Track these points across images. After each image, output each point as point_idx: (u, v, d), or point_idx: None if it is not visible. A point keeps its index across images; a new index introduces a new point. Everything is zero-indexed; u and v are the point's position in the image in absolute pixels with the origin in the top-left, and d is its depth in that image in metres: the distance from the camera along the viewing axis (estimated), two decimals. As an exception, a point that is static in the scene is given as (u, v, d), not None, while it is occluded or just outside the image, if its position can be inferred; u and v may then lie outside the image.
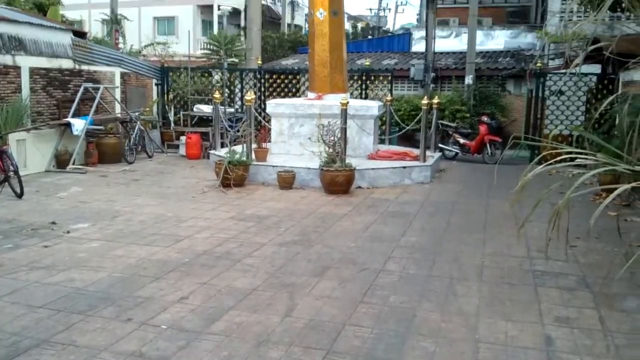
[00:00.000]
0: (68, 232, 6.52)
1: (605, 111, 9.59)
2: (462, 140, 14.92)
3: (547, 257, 5.29)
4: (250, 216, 7.50)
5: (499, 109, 17.93)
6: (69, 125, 11.33)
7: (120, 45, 21.16)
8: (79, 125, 11.38)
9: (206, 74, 15.92)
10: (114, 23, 21.52)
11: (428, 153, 11.32)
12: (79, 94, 11.99)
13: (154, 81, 15.75)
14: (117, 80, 13.82)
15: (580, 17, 11.16)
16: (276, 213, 7.71)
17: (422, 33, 20.82)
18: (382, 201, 8.70)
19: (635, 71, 10.64)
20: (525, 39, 21.78)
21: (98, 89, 12.41)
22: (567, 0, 10.86)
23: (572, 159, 3.83)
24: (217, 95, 11.95)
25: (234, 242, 6.21)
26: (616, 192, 3.36)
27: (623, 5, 4.69)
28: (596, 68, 13.44)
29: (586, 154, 3.77)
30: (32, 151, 10.80)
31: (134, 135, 12.67)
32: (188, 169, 11.82)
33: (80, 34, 13.35)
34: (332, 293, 4.70)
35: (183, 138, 13.56)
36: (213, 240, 6.27)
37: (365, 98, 14.15)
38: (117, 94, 13.64)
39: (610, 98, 5.99)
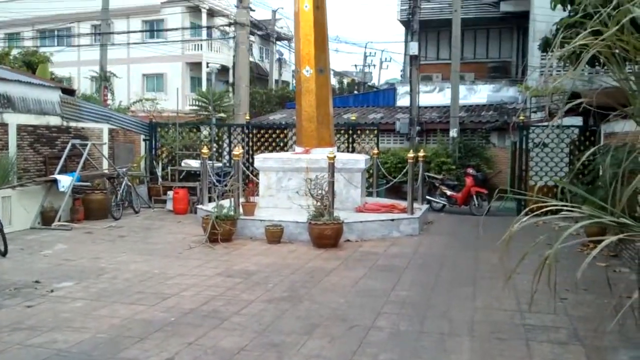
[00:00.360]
0: (52, 291, 6.38)
1: (589, 162, 9.75)
2: (449, 192, 15.03)
3: (531, 311, 5.24)
4: (237, 272, 7.41)
5: (484, 161, 18.17)
6: (55, 181, 11.28)
7: (109, 102, 21.38)
8: (65, 181, 11.34)
9: (194, 130, 16.06)
10: (103, 80, 21.81)
11: (416, 205, 11.36)
12: (66, 151, 12.00)
13: (142, 137, 15.84)
14: (105, 137, 13.88)
15: (559, 71, 11.50)
16: (264, 268, 7.63)
17: (407, 88, 21.29)
18: (371, 254, 8.65)
19: (616, 123, 10.88)
20: (508, 92, 22.32)
21: (86, 145, 12.44)
22: (546, 56, 11.20)
23: (557, 211, 3.86)
24: (205, 150, 12.03)
25: (221, 299, 6.11)
26: (602, 245, 3.37)
27: (600, 60, 4.84)
28: (578, 120, 13.74)
29: (571, 206, 3.80)
30: (17, 208, 10.69)
31: (120, 191, 12.61)
32: (175, 224, 11.74)
33: (69, 92, 13.49)
34: (322, 352, 4.60)
35: (170, 193, 13.53)
36: (199, 297, 6.16)
37: (352, 151, 14.29)
38: (105, 150, 13.66)
39: (592, 150, 6.10)
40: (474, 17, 24.46)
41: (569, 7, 8.56)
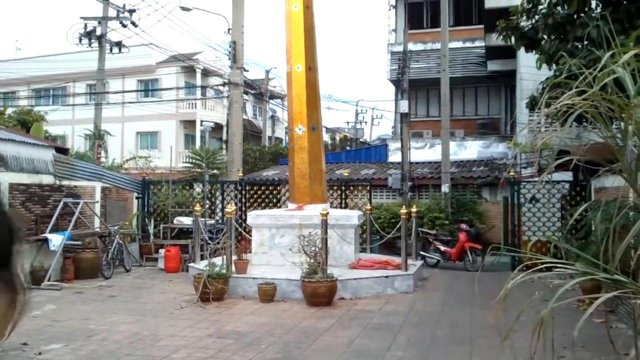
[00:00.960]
0: (40, 353, 6.22)
1: (581, 217, 9.79)
2: (442, 248, 14.99)
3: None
4: (229, 333, 7.26)
5: (477, 216, 18.22)
6: (46, 240, 11.18)
7: (102, 160, 21.46)
8: (56, 240, 11.24)
9: (187, 187, 16.09)
10: (97, 138, 21.96)
11: (410, 261, 11.29)
12: (58, 209, 11.95)
13: (135, 194, 15.83)
14: (98, 195, 13.86)
15: (547, 128, 11.74)
16: (256, 329, 7.49)
17: (398, 144, 21.58)
18: (366, 313, 8.53)
19: (606, 178, 11.01)
20: (497, 148, 22.65)
21: (78, 203, 12.40)
22: (533, 113, 11.44)
23: (551, 268, 3.85)
24: (197, 207, 12.00)
25: (213, 361, 5.97)
26: (597, 302, 3.35)
27: (587, 117, 4.96)
28: (568, 175, 13.88)
29: (564, 263, 3.80)
30: (6, 268, 10.52)
31: (112, 250, 12.49)
32: (166, 283, 11.57)
33: (62, 150, 13.57)
34: (316, 415, 4.46)
35: (162, 251, 13.41)
36: None
37: (345, 207, 14.31)
38: (97, 209, 13.62)
39: (584, 206, 6.15)
40: (461, 75, 25.09)
41: (554, 66, 8.84)
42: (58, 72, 32.85)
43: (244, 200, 15.23)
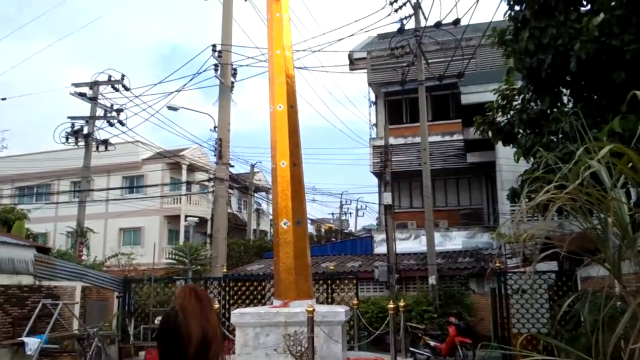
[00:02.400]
0: None
1: (569, 308, 9.70)
2: (432, 343, 14.64)
3: None
4: None
5: (465, 309, 17.97)
6: (22, 344, 10.74)
7: (84, 257, 21.13)
8: (32, 344, 10.82)
9: (170, 284, 15.77)
10: (80, 236, 21.73)
11: (399, 359, 10.96)
12: (36, 311, 11.60)
13: (116, 293, 15.45)
14: (78, 295, 13.51)
15: (530, 219, 11.89)
16: None
17: (383, 236, 21.63)
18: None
19: (592, 267, 11.04)
20: (482, 238, 22.76)
21: (57, 305, 12.05)
22: (515, 205, 11.64)
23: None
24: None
25: None
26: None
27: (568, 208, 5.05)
28: (553, 265, 13.91)
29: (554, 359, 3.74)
30: (-23, 375, 10.05)
31: (90, 353, 12.01)
32: (147, 387, 11.06)
33: (44, 250, 13.36)
34: None
35: (142, 353, 12.91)
36: None
37: (332, 302, 14.06)
38: (77, 310, 13.23)
39: (571, 298, 6.11)
40: (442, 167, 25.64)
41: (531, 159, 9.09)
42: (43, 170, 33.03)
43: (227, 297, 14.91)
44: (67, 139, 21.68)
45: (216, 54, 17.51)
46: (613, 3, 7.24)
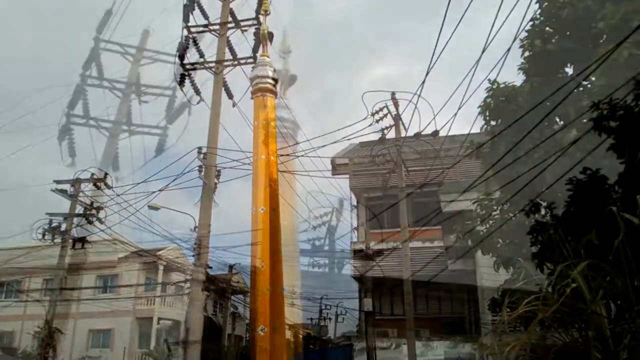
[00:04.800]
0: None
1: None
2: None
3: None
4: None
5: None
6: None
7: (49, 361, 20.08)
8: None
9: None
10: (47, 337, 20.77)
11: None
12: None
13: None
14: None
15: (512, 329, 11.74)
16: None
17: (363, 344, 20.97)
18: None
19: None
20: (464, 349, 22.20)
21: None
22: (496, 314, 11.52)
23: None
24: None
25: None
26: None
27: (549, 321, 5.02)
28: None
29: None
30: None
31: None
32: None
33: (9, 350, 12.72)
34: None
35: None
36: None
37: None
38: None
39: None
40: (423, 274, 25.42)
41: (510, 269, 9.13)
42: (13, 266, 32.06)
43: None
44: (43, 235, 21.29)
45: (201, 156, 17.75)
46: (585, 120, 7.63)
